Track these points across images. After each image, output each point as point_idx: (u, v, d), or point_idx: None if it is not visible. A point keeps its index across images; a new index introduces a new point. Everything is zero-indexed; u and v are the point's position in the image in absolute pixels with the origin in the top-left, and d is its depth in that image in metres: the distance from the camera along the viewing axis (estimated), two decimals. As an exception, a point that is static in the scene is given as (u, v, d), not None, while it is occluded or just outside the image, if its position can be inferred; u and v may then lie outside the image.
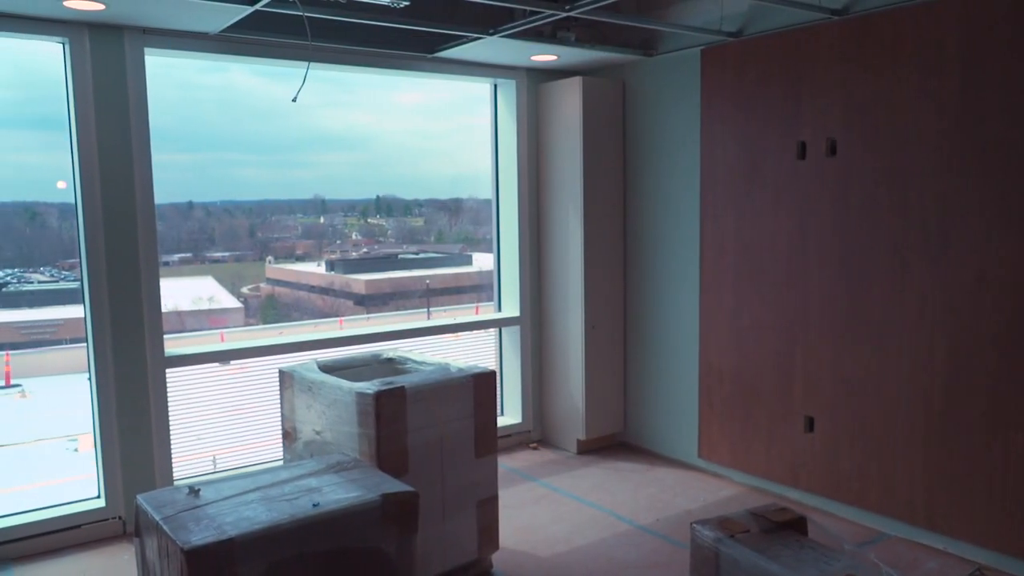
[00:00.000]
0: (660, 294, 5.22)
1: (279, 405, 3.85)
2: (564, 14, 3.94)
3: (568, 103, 5.23)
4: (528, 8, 3.96)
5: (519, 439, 5.66)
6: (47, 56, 4.03)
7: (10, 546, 3.94)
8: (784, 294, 4.41)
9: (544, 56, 4.98)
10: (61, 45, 3.95)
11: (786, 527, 2.86)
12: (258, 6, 3.59)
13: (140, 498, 2.81)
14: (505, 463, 5.21)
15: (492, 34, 4.33)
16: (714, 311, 4.82)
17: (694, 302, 4.96)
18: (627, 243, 5.44)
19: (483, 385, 3.66)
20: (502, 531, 4.00)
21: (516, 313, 5.60)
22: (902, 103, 3.82)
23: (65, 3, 3.52)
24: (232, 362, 4.82)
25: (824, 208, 4.18)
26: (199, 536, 2.47)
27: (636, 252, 5.37)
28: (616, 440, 5.62)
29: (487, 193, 5.78)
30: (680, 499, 4.61)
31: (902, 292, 3.87)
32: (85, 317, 4.14)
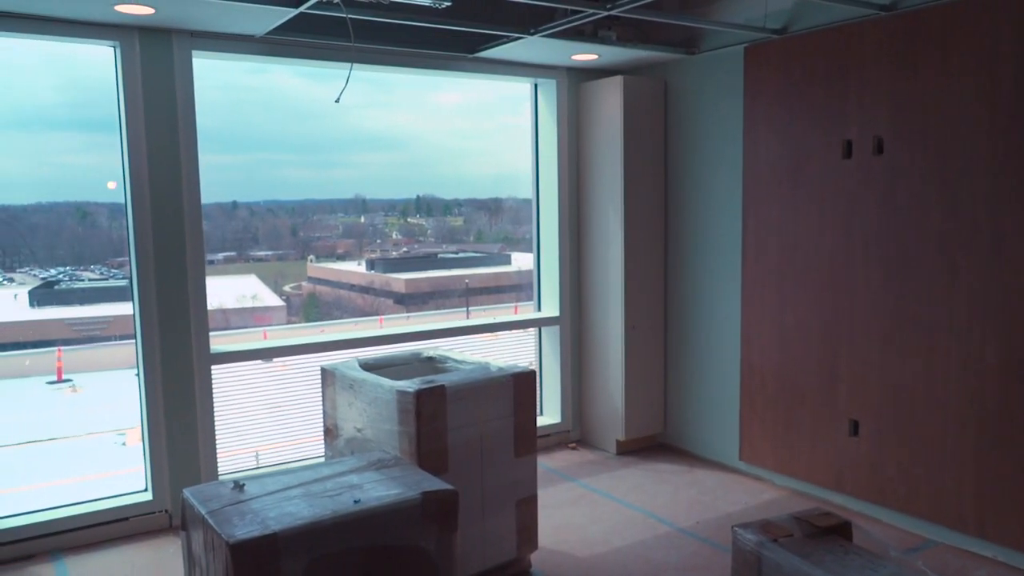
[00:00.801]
0: (701, 294, 5.18)
1: (321, 402, 3.89)
2: (605, 13, 3.92)
3: (609, 102, 5.21)
4: (569, 7, 3.95)
5: (558, 439, 5.65)
6: (95, 61, 4.13)
7: (62, 537, 4.05)
8: (829, 294, 4.34)
9: (585, 55, 4.97)
10: (112, 49, 4.05)
11: (830, 532, 2.81)
12: (303, 8, 3.64)
13: (186, 492, 2.87)
14: (544, 463, 5.20)
15: (533, 34, 4.33)
16: (756, 312, 4.76)
17: (735, 303, 4.91)
18: (667, 243, 5.40)
19: (523, 384, 3.66)
20: (541, 531, 4.00)
21: (556, 313, 5.59)
22: (953, 101, 3.73)
23: (117, 8, 3.61)
24: (274, 359, 4.90)
25: (870, 207, 4.10)
26: (243, 530, 2.51)
27: (677, 252, 5.33)
28: (656, 441, 5.58)
29: (526, 193, 5.78)
30: (721, 502, 4.57)
31: (951, 293, 3.79)
32: (134, 314, 4.23)
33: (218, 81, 4.36)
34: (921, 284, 3.91)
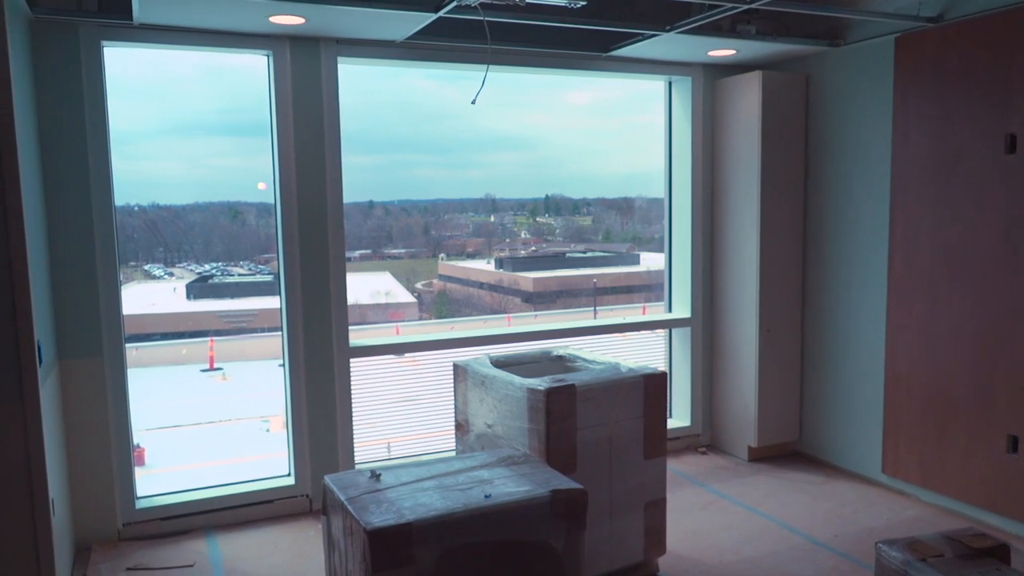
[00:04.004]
0: (842, 298, 4.94)
1: (452, 397, 3.99)
2: (746, 6, 3.81)
3: (747, 99, 5.06)
4: (707, 2, 3.86)
5: (687, 442, 5.54)
6: (244, 71, 4.39)
7: (213, 515, 4.34)
8: (987, 301, 4.04)
9: (722, 51, 4.84)
10: (265, 57, 4.30)
11: (985, 554, 2.62)
12: (442, 12, 3.73)
13: (327, 479, 3.01)
14: (672, 466, 5.11)
15: (669, 30, 4.26)
16: (904, 317, 4.50)
17: (880, 307, 4.65)
18: (807, 244, 5.18)
19: (653, 386, 3.62)
20: (669, 535, 3.94)
21: (687, 314, 5.49)
22: None
23: (271, 19, 3.83)
24: (405, 354, 5.05)
25: (1037, 207, 3.79)
26: (380, 518, 2.60)
27: (816, 253, 5.11)
28: (790, 449, 5.37)
29: (657, 192, 5.70)
30: (861, 516, 4.34)
31: None
32: (280, 308, 4.48)
33: (357, 85, 4.55)
34: (1096, 291, 3.57)
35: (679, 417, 5.62)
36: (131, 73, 4.28)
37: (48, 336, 3.63)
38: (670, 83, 5.45)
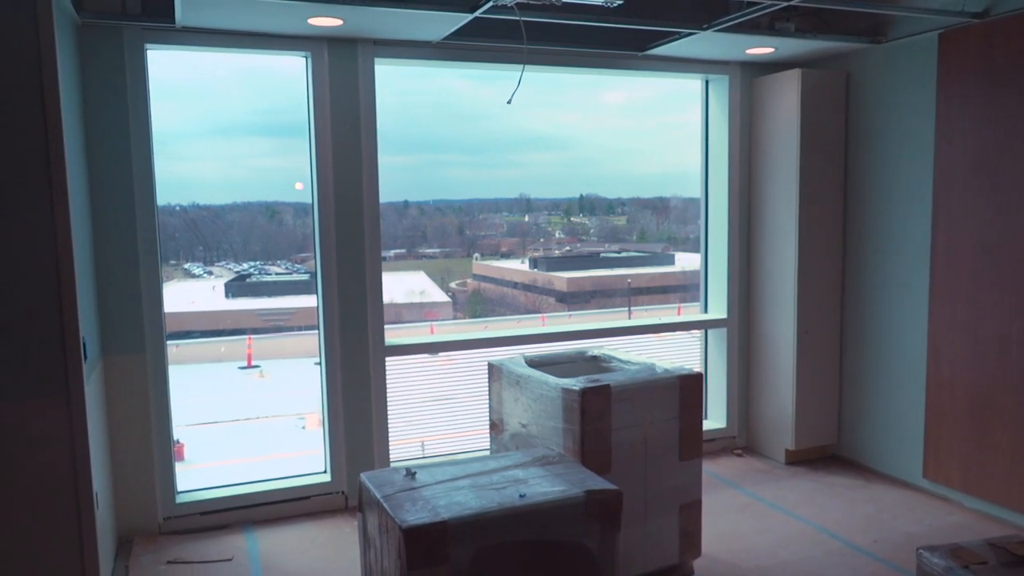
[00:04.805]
0: (882, 299, 4.86)
1: (486, 397, 3.99)
2: (785, 3, 3.77)
3: (785, 97, 4.99)
4: None
5: (723, 444, 5.49)
6: (281, 72, 4.44)
7: (251, 510, 4.40)
8: (1033, 303, 3.95)
9: (761, 49, 4.79)
10: (304, 59, 4.35)
11: (1033, 563, 2.56)
12: (478, 13, 3.75)
13: (363, 476, 3.04)
14: (708, 468, 5.06)
15: (706, 29, 4.23)
16: (946, 320, 4.41)
17: (922, 309, 4.57)
18: (846, 244, 5.10)
19: (689, 387, 3.59)
20: (704, 537, 3.90)
21: (723, 315, 5.43)
22: None
23: (310, 20, 3.87)
24: (439, 353, 5.07)
25: (1087, 207, 3.69)
26: (415, 516, 2.62)
27: (856, 254, 5.03)
28: (828, 452, 5.30)
29: (692, 191, 5.66)
30: (901, 521, 4.27)
31: None
32: (318, 307, 4.52)
33: (392, 86, 4.59)
34: None
35: (715, 419, 5.57)
36: (171, 76, 4.36)
37: (93, 333, 3.71)
38: (707, 82, 5.40)
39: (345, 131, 4.38)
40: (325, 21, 3.89)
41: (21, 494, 2.96)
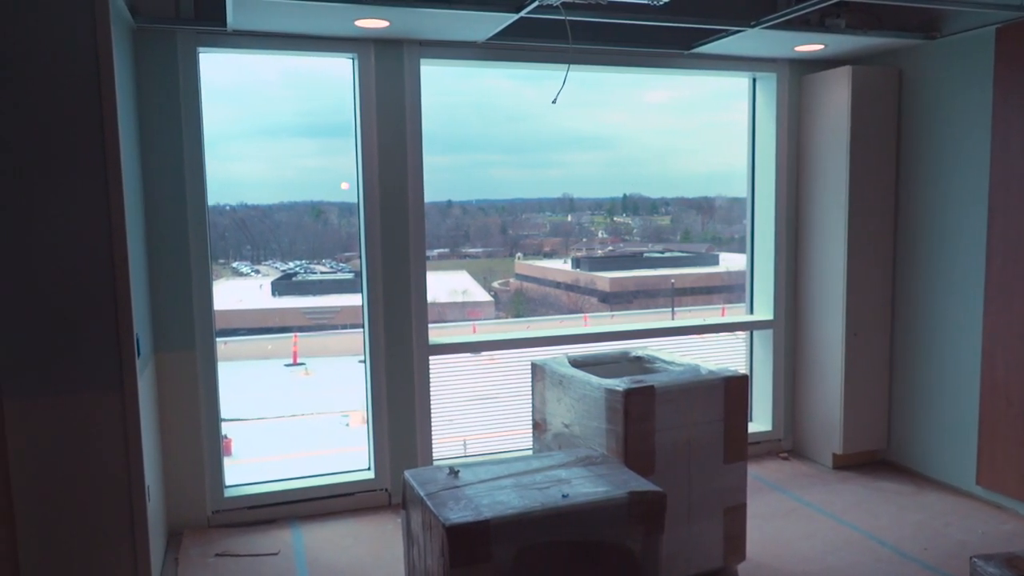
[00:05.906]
0: (935, 302, 4.74)
1: (528, 396, 3.99)
2: None
3: (835, 95, 4.90)
4: (794, -4, 3.76)
5: (768, 447, 5.41)
6: (327, 74, 4.49)
7: (297, 506, 4.46)
8: (1095, 306, 3.82)
9: (810, 46, 4.70)
10: (350, 60, 4.39)
11: (1094, 575, 2.48)
12: (523, 13, 3.75)
13: (407, 474, 3.06)
14: (752, 471, 5.00)
15: (754, 26, 4.17)
16: (1003, 323, 4.29)
17: (976, 312, 4.45)
18: (897, 245, 4.99)
19: (734, 389, 3.55)
20: (749, 541, 3.85)
21: (769, 316, 5.36)
22: None
23: (356, 22, 3.92)
24: (482, 352, 5.08)
25: None
26: (459, 515, 2.63)
27: (908, 255, 4.92)
28: (877, 457, 5.19)
29: (737, 191, 5.59)
30: (953, 529, 4.16)
31: None
32: (363, 305, 4.57)
33: (436, 86, 4.62)
34: None
35: (760, 421, 5.49)
36: (221, 78, 4.44)
37: (145, 330, 3.80)
38: (754, 80, 5.33)
39: (391, 131, 4.42)
40: (372, 23, 3.93)
41: (76, 486, 3.05)
